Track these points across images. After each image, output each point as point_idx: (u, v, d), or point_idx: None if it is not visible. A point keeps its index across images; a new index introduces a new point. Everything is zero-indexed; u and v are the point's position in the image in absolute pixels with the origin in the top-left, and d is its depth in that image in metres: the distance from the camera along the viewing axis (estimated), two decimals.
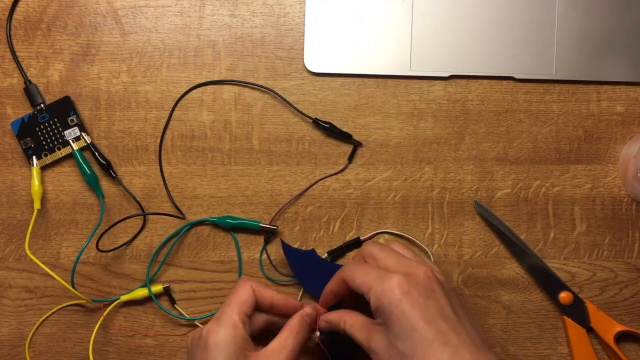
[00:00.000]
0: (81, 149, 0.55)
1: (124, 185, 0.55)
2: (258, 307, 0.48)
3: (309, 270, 0.53)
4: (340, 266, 0.53)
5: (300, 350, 0.47)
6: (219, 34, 0.55)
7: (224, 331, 0.45)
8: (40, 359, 0.55)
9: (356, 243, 0.55)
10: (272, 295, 0.48)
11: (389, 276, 0.43)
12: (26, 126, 0.54)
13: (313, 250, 0.54)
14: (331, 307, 0.50)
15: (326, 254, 0.54)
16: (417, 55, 0.55)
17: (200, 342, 0.45)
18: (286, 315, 0.49)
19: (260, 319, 0.49)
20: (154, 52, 0.55)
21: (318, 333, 0.49)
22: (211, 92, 0.55)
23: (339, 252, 0.54)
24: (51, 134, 0.54)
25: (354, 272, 0.46)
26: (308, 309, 0.49)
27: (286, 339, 0.46)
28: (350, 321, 0.46)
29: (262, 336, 0.49)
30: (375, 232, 0.55)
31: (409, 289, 0.42)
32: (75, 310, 0.55)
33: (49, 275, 0.51)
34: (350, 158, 0.55)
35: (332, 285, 0.48)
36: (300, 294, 0.54)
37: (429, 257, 0.55)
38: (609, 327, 0.53)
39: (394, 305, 0.42)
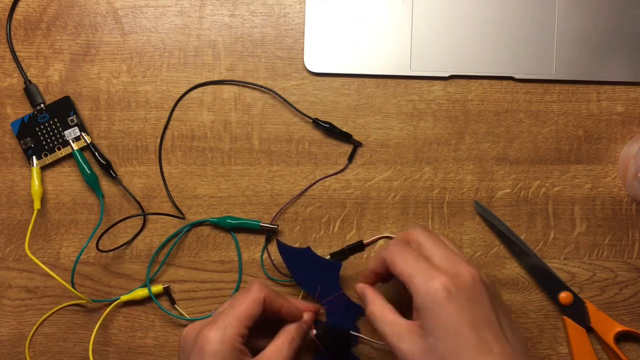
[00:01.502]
0: (81, 149, 0.55)
1: (124, 185, 0.55)
2: (263, 314, 0.47)
3: (305, 268, 0.53)
4: (337, 264, 0.53)
5: (294, 357, 0.46)
6: (219, 34, 0.55)
7: (222, 344, 0.43)
8: (40, 359, 0.55)
9: (359, 246, 0.54)
10: (281, 305, 0.47)
11: (434, 274, 0.41)
12: (26, 126, 0.54)
13: (308, 248, 0.54)
14: None
15: (329, 256, 0.54)
16: (417, 55, 0.55)
17: (195, 346, 0.44)
18: (292, 319, 0.48)
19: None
20: (154, 52, 0.55)
21: (314, 331, 0.49)
22: (211, 92, 0.55)
23: (341, 255, 0.54)
24: (51, 134, 0.54)
25: (396, 256, 0.43)
26: (307, 317, 0.49)
27: (282, 346, 0.45)
28: (380, 315, 0.44)
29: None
30: (379, 237, 0.55)
31: (456, 291, 0.40)
32: (75, 310, 0.55)
33: (49, 275, 0.51)
34: (350, 158, 0.55)
35: (372, 264, 0.47)
36: (300, 295, 0.54)
37: None
38: (609, 327, 0.53)
39: (440, 308, 0.40)
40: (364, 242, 0.54)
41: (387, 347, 0.43)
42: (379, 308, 0.44)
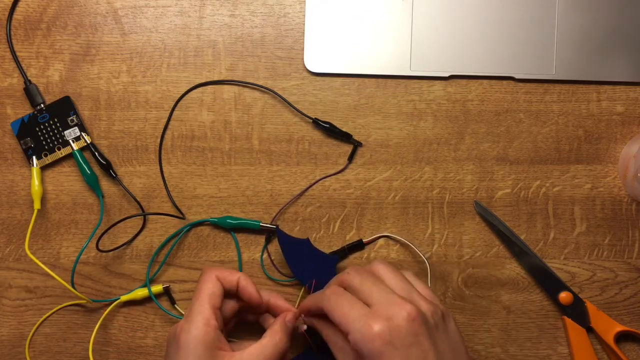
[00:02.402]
0: (81, 149, 0.55)
1: (124, 185, 0.55)
2: (226, 293, 0.48)
3: (302, 259, 0.53)
4: (334, 258, 0.53)
5: (279, 357, 0.46)
6: (219, 34, 0.55)
7: (195, 329, 0.44)
8: (40, 359, 0.55)
9: (358, 245, 0.54)
10: (237, 277, 0.48)
11: (369, 322, 0.41)
12: (26, 126, 0.54)
13: (307, 239, 0.54)
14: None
15: None
16: (417, 55, 0.55)
17: (174, 340, 0.45)
18: (251, 301, 0.48)
19: (230, 307, 0.48)
20: (154, 52, 0.55)
21: (305, 326, 0.49)
22: (211, 92, 0.55)
23: (341, 254, 0.54)
24: (51, 134, 0.54)
25: (333, 306, 0.43)
26: (290, 315, 0.48)
27: (266, 345, 0.45)
28: (332, 340, 0.45)
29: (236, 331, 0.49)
30: (377, 236, 0.55)
31: (390, 338, 0.40)
32: (75, 310, 0.55)
33: (49, 275, 0.51)
34: (350, 158, 0.55)
35: (309, 306, 0.47)
36: (300, 294, 0.54)
37: (426, 268, 0.55)
38: (609, 327, 0.53)
39: (374, 357, 0.40)
40: (363, 241, 0.54)
41: None
42: (331, 333, 0.45)
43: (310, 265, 0.52)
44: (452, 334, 0.44)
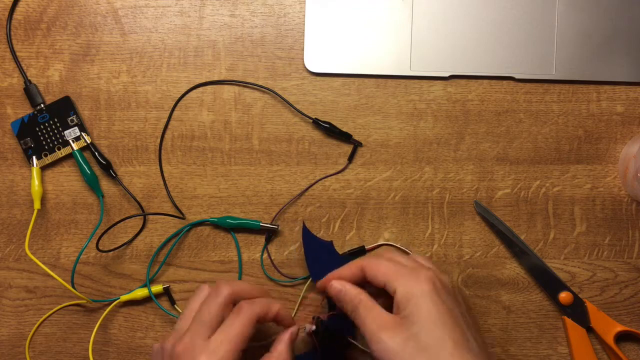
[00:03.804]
0: (81, 149, 0.55)
1: (124, 185, 0.55)
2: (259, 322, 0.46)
3: (322, 260, 0.52)
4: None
5: None
6: (219, 34, 0.55)
7: None
8: (40, 359, 0.55)
9: (360, 251, 0.54)
10: (276, 310, 0.46)
11: (418, 270, 0.43)
12: (26, 126, 0.54)
13: (331, 242, 0.54)
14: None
15: None
16: (417, 55, 0.55)
17: None
18: (285, 327, 0.48)
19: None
20: (154, 52, 0.55)
21: (313, 327, 0.49)
22: (211, 92, 0.55)
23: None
24: (51, 134, 0.54)
25: (378, 263, 0.45)
26: (294, 329, 0.47)
27: None
28: (366, 306, 0.44)
29: None
30: (379, 244, 0.55)
31: (441, 286, 0.43)
32: (75, 310, 0.55)
33: (49, 275, 0.51)
34: (350, 158, 0.55)
35: (345, 271, 0.47)
36: (301, 295, 0.54)
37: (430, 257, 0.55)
38: (609, 327, 0.53)
39: (426, 298, 0.42)
40: (365, 247, 0.54)
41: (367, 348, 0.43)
42: (366, 299, 0.45)
43: (330, 268, 0.52)
44: (473, 312, 0.47)
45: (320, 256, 0.53)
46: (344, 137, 0.55)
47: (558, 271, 0.55)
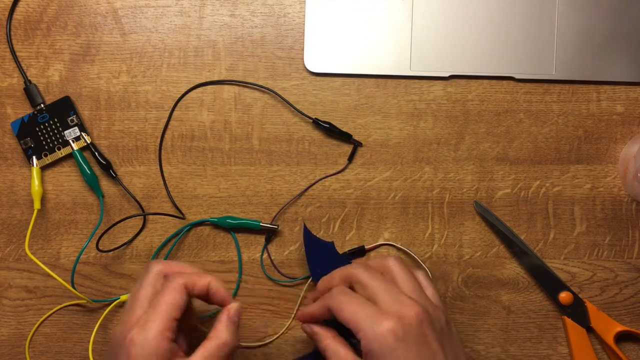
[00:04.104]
0: (81, 149, 0.55)
1: (124, 185, 0.55)
2: (195, 297, 0.45)
3: (323, 261, 0.52)
4: (350, 261, 0.53)
5: (231, 352, 0.44)
6: (219, 34, 0.55)
7: (148, 343, 0.41)
8: (40, 359, 0.55)
9: (360, 251, 0.54)
10: (207, 282, 0.45)
11: (380, 319, 0.41)
12: (26, 126, 0.54)
13: (332, 243, 0.54)
14: None
15: None
16: (417, 55, 0.55)
17: (123, 348, 0.41)
18: (222, 304, 0.46)
19: (193, 316, 0.46)
20: (154, 52, 0.55)
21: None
22: (211, 92, 0.55)
23: None
24: (51, 134, 0.54)
25: (342, 304, 0.43)
26: (235, 309, 0.45)
27: (211, 348, 0.43)
28: (334, 350, 0.44)
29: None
30: (379, 244, 0.55)
31: (402, 334, 0.40)
32: (75, 310, 0.55)
33: (49, 275, 0.51)
34: (350, 158, 0.55)
35: (314, 309, 0.46)
36: (301, 295, 0.54)
37: (427, 275, 0.55)
38: (609, 327, 0.53)
39: (387, 353, 0.40)
40: (365, 247, 0.54)
41: None
42: (332, 343, 0.44)
43: (330, 268, 0.52)
44: (455, 340, 0.44)
45: (321, 257, 0.53)
46: (344, 137, 0.55)
47: (558, 271, 0.55)
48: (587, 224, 0.55)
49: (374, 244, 0.55)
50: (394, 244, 0.55)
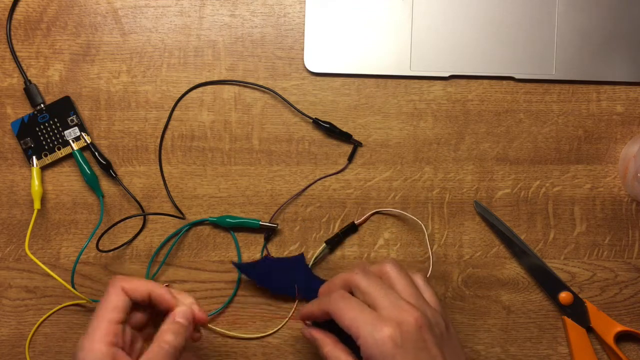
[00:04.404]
0: (81, 149, 0.55)
1: (124, 185, 0.55)
2: (138, 303, 0.45)
3: (273, 275, 0.53)
4: (299, 255, 0.54)
5: (177, 354, 0.43)
6: (219, 34, 0.55)
7: (91, 348, 0.41)
8: (40, 359, 0.55)
9: (352, 228, 0.54)
10: (147, 288, 0.45)
11: (380, 325, 0.41)
12: (26, 126, 0.54)
13: (266, 257, 0.54)
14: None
15: (324, 244, 0.54)
16: (417, 55, 0.55)
17: (74, 357, 0.42)
18: (168, 310, 0.45)
19: (139, 318, 0.46)
20: (154, 52, 0.55)
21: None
22: (211, 92, 0.55)
23: (336, 240, 0.54)
24: (51, 134, 0.54)
25: (341, 310, 0.43)
26: (181, 312, 0.45)
27: (155, 353, 0.42)
28: (334, 356, 0.44)
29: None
30: (371, 213, 0.55)
31: (401, 341, 0.41)
32: (75, 310, 0.55)
33: (49, 275, 0.51)
34: (350, 158, 0.55)
35: (314, 310, 0.46)
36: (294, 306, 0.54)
37: (429, 258, 0.55)
38: (609, 327, 0.53)
39: (385, 358, 0.40)
40: (355, 222, 0.54)
41: None
42: (333, 350, 0.45)
43: (284, 276, 0.53)
44: (455, 343, 0.45)
45: (269, 273, 0.53)
46: (344, 137, 0.55)
47: (558, 271, 0.55)
48: (587, 224, 0.55)
49: (364, 217, 0.55)
50: (383, 210, 0.55)
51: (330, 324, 0.45)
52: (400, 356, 0.41)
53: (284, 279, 0.53)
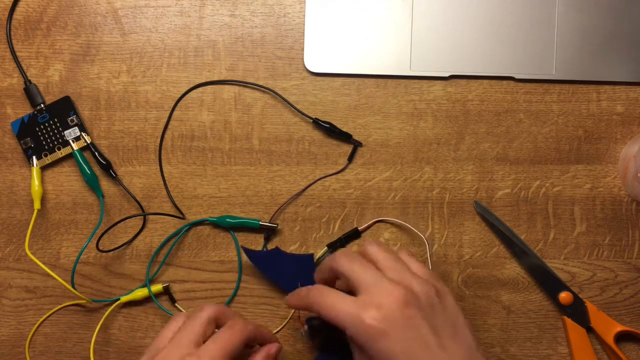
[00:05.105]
0: (81, 149, 0.55)
1: (124, 185, 0.55)
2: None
3: (279, 268, 0.53)
4: (309, 255, 0.54)
5: None
6: (219, 34, 0.55)
7: None
8: (40, 359, 0.55)
9: (354, 234, 0.54)
10: (268, 335, 0.48)
11: (361, 311, 0.41)
12: (26, 126, 0.54)
13: (277, 248, 0.54)
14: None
15: (325, 247, 0.54)
16: (417, 55, 0.55)
17: None
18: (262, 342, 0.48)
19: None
20: (154, 52, 0.55)
21: (306, 327, 0.49)
22: (211, 92, 0.55)
23: (337, 244, 0.54)
24: (51, 134, 0.54)
25: (320, 305, 0.43)
26: (275, 348, 0.47)
27: None
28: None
29: None
30: (374, 221, 0.55)
31: (383, 326, 0.40)
32: (75, 310, 0.55)
33: (49, 275, 0.51)
34: (350, 158, 0.55)
35: (296, 305, 0.48)
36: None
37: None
38: (609, 327, 0.53)
39: (375, 343, 0.40)
40: (359, 229, 0.54)
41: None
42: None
43: (289, 271, 0.53)
44: (450, 309, 0.43)
45: (275, 265, 0.53)
46: (344, 137, 0.55)
47: (558, 271, 0.55)
48: (587, 224, 0.55)
49: (366, 225, 0.55)
50: (386, 219, 0.55)
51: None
52: (384, 341, 0.40)
53: (288, 274, 0.53)
